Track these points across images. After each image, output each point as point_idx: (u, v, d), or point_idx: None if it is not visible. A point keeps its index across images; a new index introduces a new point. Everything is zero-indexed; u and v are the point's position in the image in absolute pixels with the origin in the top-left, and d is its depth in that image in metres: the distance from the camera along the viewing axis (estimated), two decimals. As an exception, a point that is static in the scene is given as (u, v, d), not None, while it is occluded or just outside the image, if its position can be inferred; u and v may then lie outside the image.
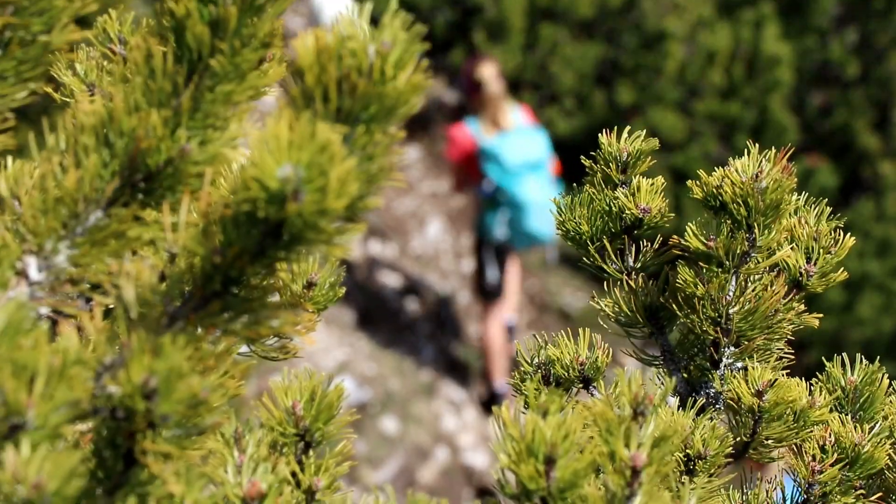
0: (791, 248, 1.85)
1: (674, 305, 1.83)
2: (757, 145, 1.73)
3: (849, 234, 1.89)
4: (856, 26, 11.72)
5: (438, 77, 11.75)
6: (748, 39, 11.18)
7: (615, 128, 1.90)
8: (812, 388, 1.83)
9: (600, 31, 11.76)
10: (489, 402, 9.02)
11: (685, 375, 1.87)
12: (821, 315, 1.85)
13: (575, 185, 1.96)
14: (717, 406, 1.86)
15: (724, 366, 1.84)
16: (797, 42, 11.38)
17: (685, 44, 11.34)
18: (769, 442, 1.78)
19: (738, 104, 11.14)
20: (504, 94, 8.79)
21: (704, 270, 1.80)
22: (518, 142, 8.59)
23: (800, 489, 1.80)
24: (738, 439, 1.81)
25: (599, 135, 1.89)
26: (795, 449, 1.80)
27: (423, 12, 11.62)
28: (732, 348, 1.83)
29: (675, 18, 11.36)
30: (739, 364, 1.84)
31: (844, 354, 1.92)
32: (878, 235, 10.51)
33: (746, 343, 1.82)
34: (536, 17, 11.57)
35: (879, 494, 1.85)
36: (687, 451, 1.76)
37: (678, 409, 1.79)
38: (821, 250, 1.87)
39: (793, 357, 1.87)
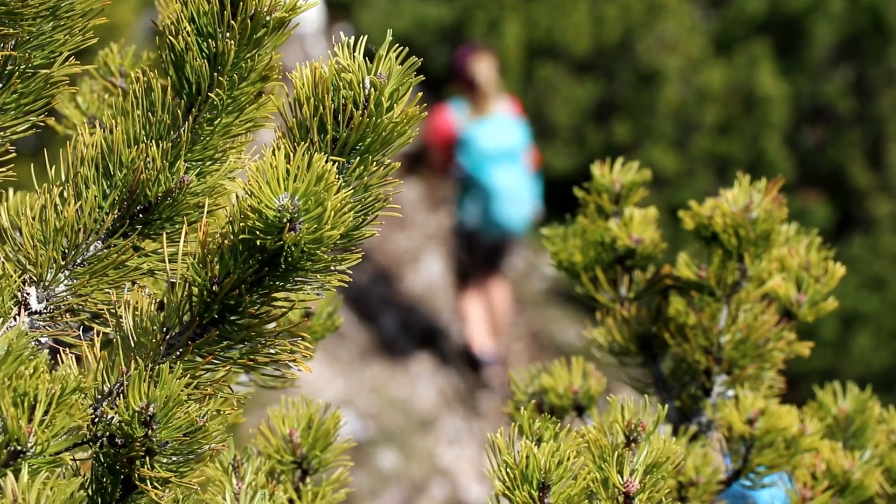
0: (782, 278, 1.87)
1: (666, 334, 1.85)
2: (748, 176, 1.75)
3: (838, 263, 1.90)
4: (850, 65, 11.78)
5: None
6: (743, 78, 11.23)
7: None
8: (803, 415, 1.84)
9: (596, 69, 11.80)
10: (475, 370, 9.02)
11: (677, 403, 1.88)
12: (811, 344, 1.86)
13: (568, 215, 1.98)
14: (709, 434, 1.87)
15: (716, 394, 1.85)
16: (792, 80, 11.42)
17: (681, 82, 11.39)
18: (761, 469, 1.79)
19: (733, 142, 11.17)
20: (495, 87, 8.77)
21: (696, 300, 1.82)
22: (494, 128, 8.55)
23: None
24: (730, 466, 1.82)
25: (592, 166, 1.91)
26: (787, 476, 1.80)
27: (420, 48, 11.66)
28: (724, 376, 1.84)
29: (670, 57, 11.41)
30: (731, 392, 1.85)
31: (836, 383, 1.93)
32: (872, 272, 10.51)
33: (738, 371, 1.83)
34: (533, 55, 11.61)
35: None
36: (679, 478, 1.77)
37: (671, 437, 1.80)
38: (811, 280, 1.88)
39: (785, 389, 1.88)
